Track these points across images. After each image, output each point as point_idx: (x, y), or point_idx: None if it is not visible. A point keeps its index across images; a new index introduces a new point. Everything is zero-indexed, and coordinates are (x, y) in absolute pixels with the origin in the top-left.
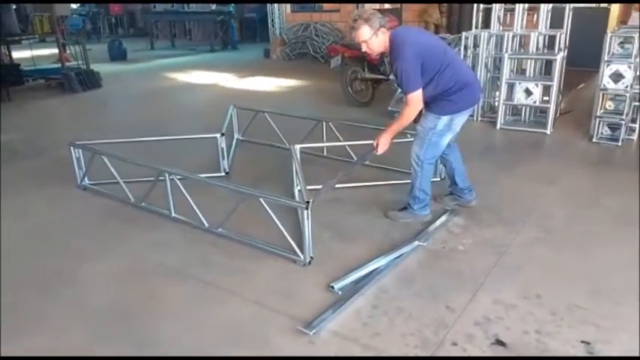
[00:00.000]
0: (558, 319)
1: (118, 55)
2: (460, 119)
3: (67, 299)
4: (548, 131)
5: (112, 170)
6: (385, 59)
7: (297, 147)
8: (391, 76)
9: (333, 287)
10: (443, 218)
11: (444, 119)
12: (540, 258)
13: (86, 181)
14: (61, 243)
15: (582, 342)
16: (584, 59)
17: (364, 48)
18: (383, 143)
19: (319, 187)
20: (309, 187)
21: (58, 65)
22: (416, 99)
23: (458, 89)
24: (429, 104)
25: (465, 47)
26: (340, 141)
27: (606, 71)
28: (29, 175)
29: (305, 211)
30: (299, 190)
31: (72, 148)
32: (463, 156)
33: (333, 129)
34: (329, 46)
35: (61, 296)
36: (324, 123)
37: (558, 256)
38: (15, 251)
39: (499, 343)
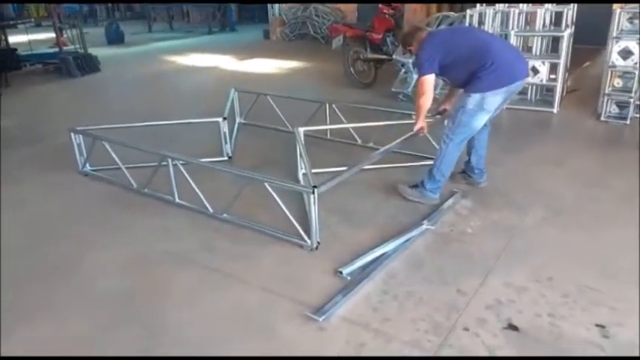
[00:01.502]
0: (571, 302)
1: (115, 38)
2: (493, 99)
3: (71, 287)
4: (554, 110)
5: (114, 156)
6: (388, 39)
7: (301, 130)
8: (394, 56)
9: (341, 272)
10: (450, 201)
11: (475, 97)
12: (550, 239)
13: (87, 167)
14: (64, 230)
15: (596, 325)
16: (590, 36)
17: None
18: (420, 126)
19: (324, 170)
20: (313, 171)
21: (56, 49)
22: (423, 80)
23: (490, 67)
24: (464, 85)
25: (469, 25)
26: (344, 123)
27: (615, 48)
28: (29, 161)
29: (311, 196)
30: (304, 174)
31: (72, 134)
32: None
33: (337, 111)
34: (330, 26)
35: (65, 285)
36: (327, 105)
37: (567, 237)
38: (17, 240)
39: (512, 327)
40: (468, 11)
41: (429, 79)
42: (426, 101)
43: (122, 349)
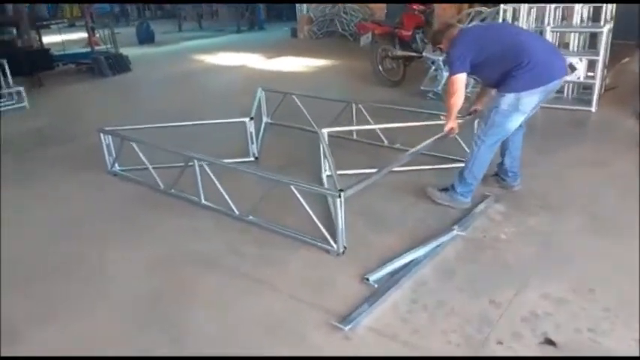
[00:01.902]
0: (612, 316)
1: (146, 38)
2: (529, 99)
3: (98, 287)
4: (592, 109)
5: (141, 156)
6: (417, 36)
7: (325, 131)
8: (424, 53)
9: (368, 279)
10: (483, 205)
11: (509, 97)
12: (589, 248)
13: (116, 167)
14: (92, 230)
15: None
16: (628, 31)
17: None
18: (451, 126)
19: (349, 172)
20: (339, 173)
21: (88, 49)
22: (455, 80)
23: (526, 66)
24: (498, 85)
25: (503, 21)
26: (370, 123)
27: None
28: (60, 161)
29: (338, 200)
30: (327, 176)
31: (102, 135)
32: None
33: (363, 111)
34: (358, 24)
35: (91, 283)
36: (354, 105)
37: (608, 245)
38: (46, 237)
39: (548, 342)
40: (502, 6)
41: (461, 78)
42: (458, 101)
43: (148, 350)
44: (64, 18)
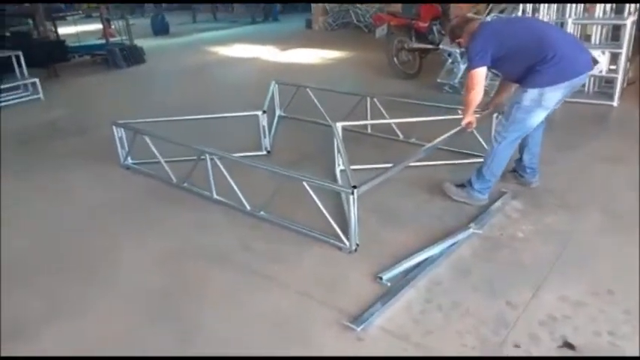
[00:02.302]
0: (633, 319)
1: (160, 29)
2: (553, 95)
3: (109, 281)
4: (614, 103)
5: (154, 150)
6: (434, 27)
7: (339, 125)
8: (441, 46)
9: (381, 278)
10: (499, 202)
11: (532, 93)
12: (609, 248)
13: (129, 160)
14: (104, 222)
15: None
16: None
17: (460, 45)
18: (468, 121)
19: (363, 167)
20: (353, 168)
21: (103, 41)
22: (474, 74)
23: (551, 60)
24: (520, 80)
25: (523, 12)
26: (385, 117)
27: None
28: (74, 153)
29: (351, 197)
30: (341, 171)
31: (115, 128)
32: None
33: (378, 105)
34: (374, 15)
35: (103, 278)
36: (369, 98)
37: (629, 245)
38: (57, 230)
39: (567, 345)
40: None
41: (480, 73)
42: (477, 96)
43: (157, 348)
44: (79, 9)
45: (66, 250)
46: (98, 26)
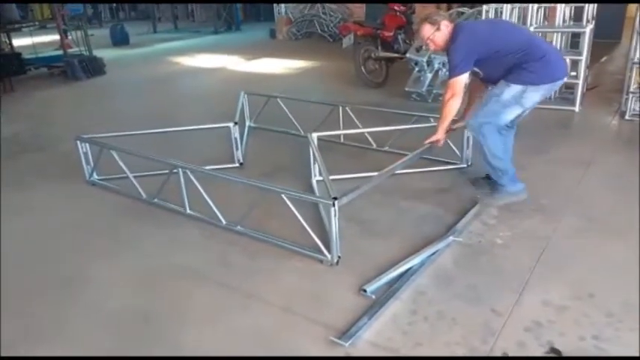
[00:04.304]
0: (616, 322)
1: (120, 39)
2: (533, 95)
3: (81, 305)
4: (576, 109)
5: (122, 165)
6: (399, 37)
7: (315, 136)
8: (407, 55)
9: (365, 291)
10: (476, 209)
11: (515, 88)
12: (587, 250)
13: (95, 176)
14: (72, 243)
15: None
16: (604, 30)
17: (431, 47)
18: (439, 139)
19: (339, 177)
20: (330, 178)
21: (60, 52)
22: (456, 82)
23: (540, 59)
24: (504, 75)
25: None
26: (357, 126)
27: None
28: (35, 169)
29: (332, 209)
30: (317, 181)
31: (79, 143)
32: None
33: (350, 113)
34: (341, 25)
35: (74, 301)
36: (341, 107)
37: (606, 247)
38: (23, 252)
39: (554, 351)
40: (484, 6)
41: (463, 80)
42: (457, 105)
43: None
44: (35, 20)
45: (34, 273)
46: (54, 37)
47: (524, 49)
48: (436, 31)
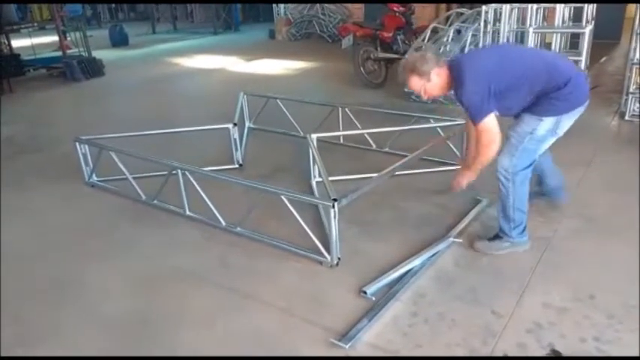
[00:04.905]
0: (616, 323)
1: (119, 40)
2: (568, 122)
3: (79, 307)
4: None
5: (121, 166)
6: (399, 37)
7: (314, 137)
8: (406, 55)
9: (365, 292)
10: (475, 210)
11: (548, 121)
12: (587, 252)
13: (94, 177)
14: (71, 245)
15: None
16: (603, 30)
17: (426, 97)
18: (467, 181)
19: (338, 178)
20: (329, 179)
21: (59, 53)
22: (486, 128)
23: (565, 87)
24: (529, 107)
25: (485, 22)
26: (357, 127)
27: (639, 44)
28: (34, 171)
29: (331, 210)
30: (317, 182)
31: (77, 144)
32: None
33: (349, 114)
34: (340, 26)
35: (72, 303)
36: (340, 108)
37: (606, 248)
38: (22, 254)
39: (555, 353)
40: (484, 7)
41: (493, 122)
42: (496, 148)
43: None
44: (33, 21)
45: (32, 275)
46: (54, 38)
47: (543, 76)
48: (427, 83)
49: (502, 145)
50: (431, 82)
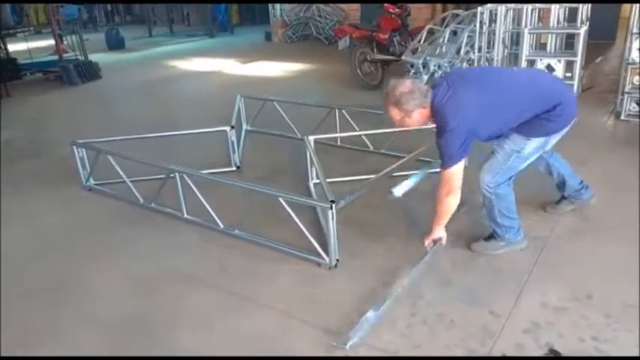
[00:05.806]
0: (614, 323)
1: (115, 44)
2: (555, 138)
3: (77, 310)
4: None
5: (118, 170)
6: (395, 39)
7: (312, 138)
8: (403, 57)
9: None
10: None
11: (536, 141)
12: (584, 251)
13: (91, 181)
14: (69, 248)
15: None
16: (598, 31)
17: (398, 126)
18: (438, 237)
19: (336, 179)
20: (326, 181)
21: (56, 57)
22: (451, 175)
23: (554, 109)
24: (517, 128)
25: (481, 23)
26: (354, 128)
27: (634, 44)
28: (32, 175)
29: (329, 212)
30: (315, 184)
31: (75, 148)
32: None
33: (346, 116)
34: (336, 28)
35: (70, 307)
36: (337, 110)
37: (602, 248)
38: (20, 257)
39: (553, 352)
40: (479, 8)
41: (460, 170)
42: (455, 203)
43: None
44: (29, 25)
45: (31, 278)
46: (50, 42)
47: (537, 105)
48: (406, 118)
49: (485, 159)
50: (411, 118)
